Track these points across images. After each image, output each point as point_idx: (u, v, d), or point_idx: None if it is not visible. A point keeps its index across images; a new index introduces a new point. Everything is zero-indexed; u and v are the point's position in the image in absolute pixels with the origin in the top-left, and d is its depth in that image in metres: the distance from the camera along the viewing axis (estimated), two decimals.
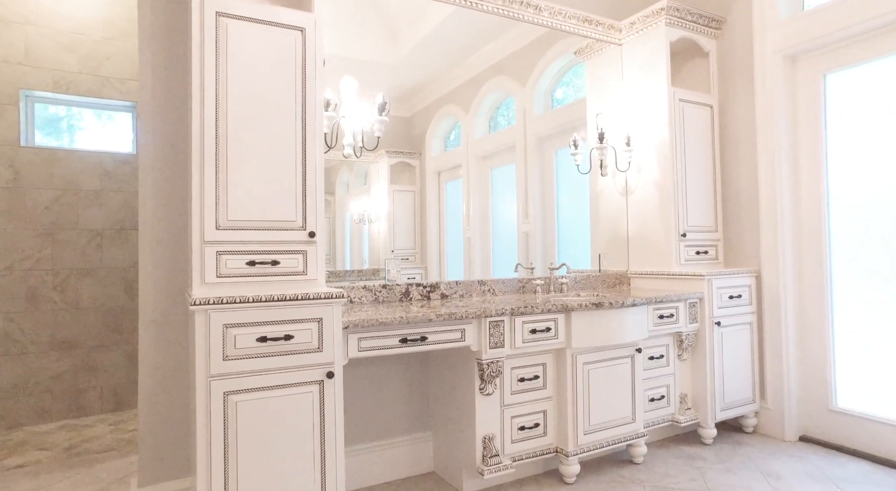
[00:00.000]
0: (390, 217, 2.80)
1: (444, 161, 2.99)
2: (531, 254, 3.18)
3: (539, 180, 3.30)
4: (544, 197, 3.31)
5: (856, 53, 2.83)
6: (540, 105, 3.33)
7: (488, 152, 3.15)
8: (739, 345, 3.06)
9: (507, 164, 3.23)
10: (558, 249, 3.30)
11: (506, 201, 3.18)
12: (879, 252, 2.77)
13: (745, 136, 3.24)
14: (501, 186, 3.18)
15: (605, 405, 2.54)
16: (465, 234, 3.07)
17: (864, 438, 2.79)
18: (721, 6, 3.35)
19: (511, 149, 3.24)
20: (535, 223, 3.24)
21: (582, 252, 3.41)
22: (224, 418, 1.67)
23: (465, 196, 3.05)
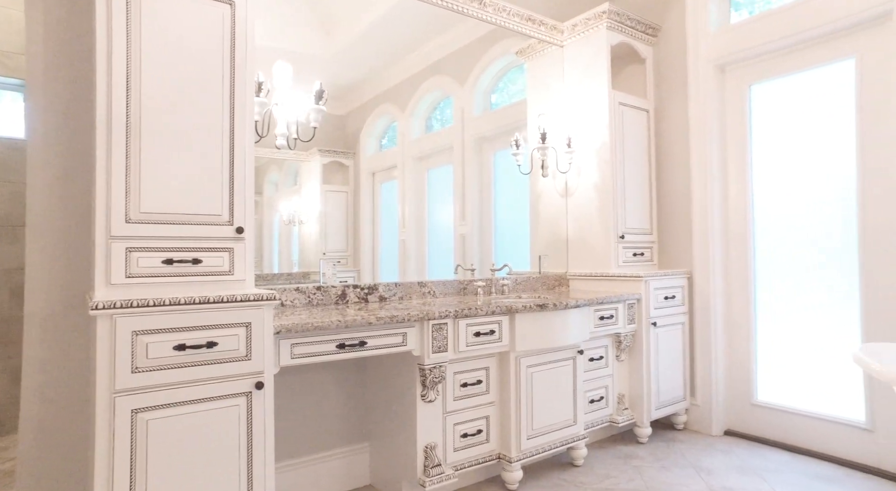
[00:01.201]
0: (322, 218, 2.64)
1: (379, 161, 2.88)
2: (468, 256, 3.12)
3: (477, 182, 3.25)
4: (482, 199, 3.26)
5: (777, 66, 2.99)
6: (479, 106, 3.27)
7: (425, 153, 3.07)
8: (673, 345, 3.14)
9: (445, 165, 3.15)
10: (496, 251, 3.26)
11: (443, 203, 3.11)
12: (793, 256, 2.93)
13: (679, 142, 3.34)
14: (438, 188, 3.10)
15: (547, 408, 2.51)
16: (401, 236, 2.96)
17: (782, 430, 2.94)
18: (657, 14, 3.45)
19: (449, 150, 3.16)
20: (473, 225, 3.19)
21: (521, 254, 3.39)
22: (132, 440, 1.45)
23: (400, 197, 2.94)
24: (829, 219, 2.80)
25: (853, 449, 2.68)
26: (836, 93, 2.77)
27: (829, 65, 2.78)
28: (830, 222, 2.80)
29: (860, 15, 2.59)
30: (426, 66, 3.03)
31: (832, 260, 2.79)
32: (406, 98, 2.96)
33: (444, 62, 3.09)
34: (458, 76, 3.16)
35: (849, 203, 2.71)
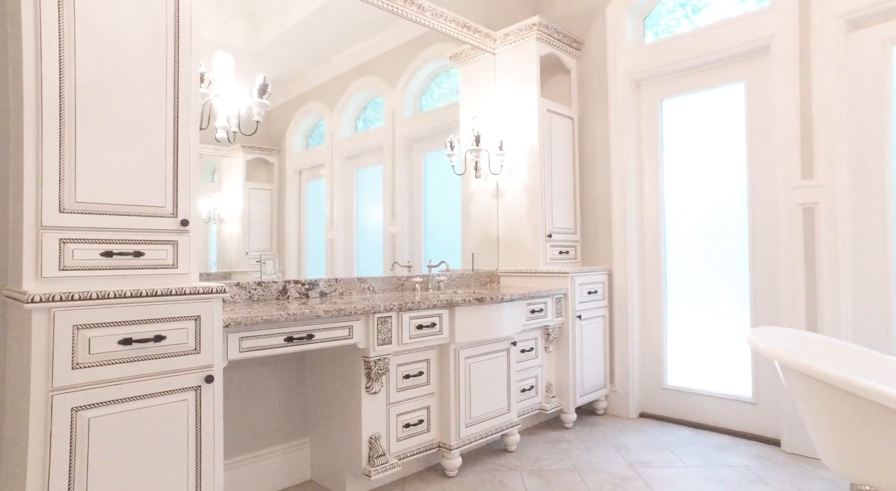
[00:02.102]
0: (245, 217, 2.53)
1: (306, 159, 2.82)
2: (398, 255, 3.15)
3: (407, 182, 3.29)
4: (412, 199, 3.31)
5: (683, 85, 3.34)
6: (410, 107, 3.32)
7: (354, 152, 3.05)
8: (595, 336, 3.40)
9: (374, 164, 3.15)
10: (426, 250, 3.33)
11: (372, 202, 3.11)
12: (698, 254, 3.29)
13: (601, 148, 3.63)
14: (368, 187, 3.10)
15: (484, 398, 2.63)
16: (329, 235, 2.93)
17: (687, 409, 3.29)
18: (582, 30, 3.72)
19: (379, 150, 3.18)
20: (403, 225, 3.23)
21: (452, 252, 3.47)
22: (71, 441, 1.38)
23: (328, 196, 2.90)
24: (728, 221, 3.17)
25: (742, 421, 3.05)
26: (731, 110, 3.15)
27: (725, 86, 3.16)
28: (728, 224, 3.17)
29: (747, 45, 2.97)
30: (356, 66, 3.02)
31: (729, 257, 3.17)
32: (335, 97, 2.93)
33: (375, 63, 3.10)
34: (389, 77, 3.18)
35: (742, 206, 3.09)
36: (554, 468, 2.60)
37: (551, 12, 3.92)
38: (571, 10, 3.79)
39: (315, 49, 2.81)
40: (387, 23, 3.06)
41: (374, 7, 2.94)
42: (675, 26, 3.45)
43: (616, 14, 3.52)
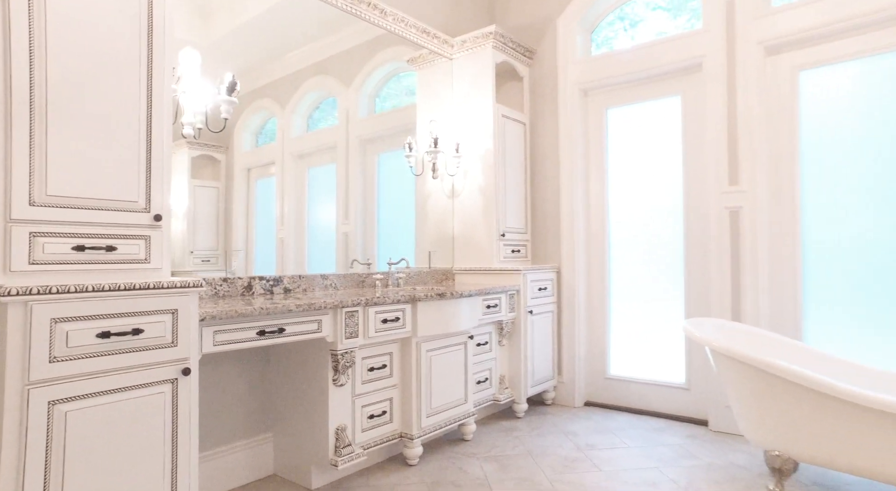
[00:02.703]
0: (190, 215, 2.46)
1: (255, 157, 2.77)
2: (351, 253, 3.16)
3: (361, 182, 3.32)
4: (366, 198, 3.34)
5: (627, 96, 3.61)
6: (364, 108, 3.35)
7: (306, 151, 3.02)
8: (545, 330, 3.60)
9: (327, 164, 3.14)
10: (378, 249, 3.37)
11: (325, 201, 3.10)
12: (639, 252, 3.57)
13: (551, 153, 3.84)
14: (320, 186, 3.08)
15: (443, 389, 2.76)
16: (279, 234, 2.88)
17: (628, 396, 3.55)
18: (534, 40, 3.92)
19: (332, 149, 3.16)
20: (356, 224, 3.24)
21: (406, 251, 3.51)
22: (47, 435, 1.38)
23: (279, 195, 2.86)
24: (666, 222, 3.46)
25: (676, 405, 3.34)
26: (669, 121, 3.44)
27: (663, 99, 3.45)
28: (666, 225, 3.46)
29: (682, 63, 3.27)
30: (310, 65, 3.02)
31: (667, 255, 3.45)
32: (287, 95, 2.90)
33: (330, 62, 3.09)
34: (344, 77, 3.19)
35: (679, 209, 3.39)
36: (509, 454, 2.76)
37: (505, 22, 4.10)
38: (524, 21, 3.98)
39: (268, 46, 2.76)
40: (343, 23, 3.07)
41: (335, 8, 2.99)
42: (613, 38, 3.70)
43: (566, 27, 3.75)
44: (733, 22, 3.06)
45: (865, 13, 2.71)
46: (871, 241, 2.78)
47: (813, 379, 2.05)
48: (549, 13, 3.84)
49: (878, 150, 2.76)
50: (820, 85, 2.93)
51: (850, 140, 2.84)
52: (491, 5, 4.19)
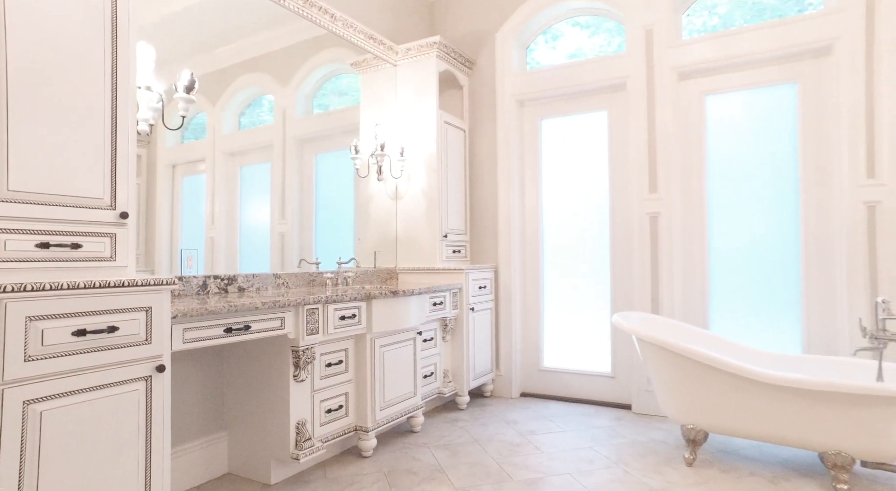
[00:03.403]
0: None
1: (181, 153, 2.66)
2: (287, 253, 3.13)
3: (298, 181, 3.31)
4: (303, 198, 3.33)
5: (559, 108, 3.92)
6: (301, 108, 3.34)
7: (239, 149, 2.94)
8: (484, 327, 3.81)
9: (262, 163, 3.09)
10: (316, 249, 3.37)
11: (259, 201, 3.04)
12: (571, 251, 3.88)
13: (489, 159, 4.07)
14: (254, 185, 3.01)
15: (395, 383, 2.87)
16: (209, 233, 2.81)
17: (561, 386, 3.85)
18: (474, 51, 4.13)
19: (267, 148, 3.12)
20: (293, 223, 3.23)
21: (345, 251, 3.51)
22: (22, 435, 1.36)
23: (209, 193, 2.77)
24: (594, 225, 3.79)
25: (604, 392, 3.68)
26: (597, 133, 3.78)
27: (592, 113, 3.79)
28: (594, 228, 3.79)
29: (609, 81, 3.62)
30: (244, 61, 2.96)
31: (595, 255, 3.79)
32: (217, 91, 2.82)
33: (265, 60, 3.04)
34: (281, 76, 3.15)
35: (605, 214, 3.73)
36: (457, 442, 2.93)
37: (445, 32, 4.29)
38: (465, 32, 4.19)
39: (199, 38, 2.64)
40: (281, 21, 3.02)
41: (283, 9, 3.02)
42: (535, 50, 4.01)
43: (503, 41, 4.00)
44: (652, 49, 3.44)
45: (749, 53, 3.17)
46: (759, 242, 3.25)
47: (718, 361, 2.40)
48: (488, 27, 4.07)
49: (762, 167, 3.24)
50: (722, 108, 3.38)
51: (744, 157, 3.30)
52: (432, 16, 4.36)
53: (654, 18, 3.43)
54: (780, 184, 3.21)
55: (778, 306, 3.20)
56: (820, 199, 3.09)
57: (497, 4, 4.04)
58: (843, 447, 2.27)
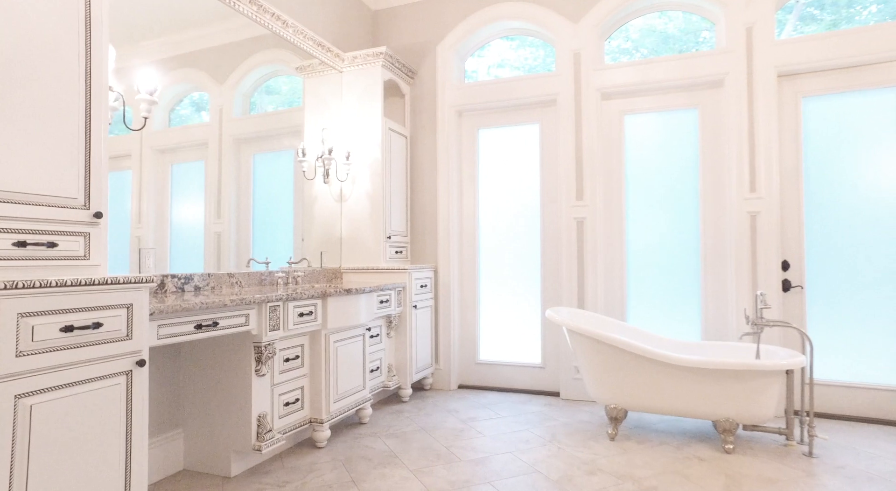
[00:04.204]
0: None
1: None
2: (223, 253, 3.12)
3: (235, 181, 3.30)
4: (240, 197, 3.34)
5: (495, 120, 4.23)
6: (239, 107, 3.34)
7: (169, 146, 2.88)
8: (425, 323, 4.04)
9: (195, 161, 3.04)
10: (254, 249, 3.40)
11: (192, 199, 2.99)
12: (505, 251, 4.21)
13: (429, 165, 4.30)
14: (186, 184, 2.96)
15: (346, 377, 3.02)
16: (135, 232, 2.74)
17: (496, 378, 4.16)
18: (416, 61, 4.35)
19: (201, 146, 3.08)
20: (230, 223, 3.22)
21: (284, 251, 3.52)
22: (13, 429, 1.40)
23: (135, 190, 2.68)
24: (526, 228, 4.14)
25: (535, 382, 4.03)
26: (530, 144, 4.13)
27: (526, 125, 4.13)
28: (526, 231, 4.13)
29: (541, 97, 3.98)
30: (176, 55, 2.90)
31: (526, 256, 4.13)
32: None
33: (200, 56, 2.99)
34: (217, 73, 3.12)
35: (536, 218, 4.09)
36: (405, 431, 3.13)
37: (389, 42, 4.47)
38: (407, 43, 4.39)
39: (129, 32, 2.55)
40: (221, 17, 2.99)
41: (239, 14, 3.07)
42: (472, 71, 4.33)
43: (444, 53, 4.25)
44: (579, 71, 3.84)
45: (660, 81, 3.65)
46: (667, 244, 3.74)
47: (637, 347, 2.79)
48: (430, 39, 4.30)
49: (670, 179, 3.73)
50: (638, 127, 3.84)
51: (656, 170, 3.78)
52: (375, 26, 4.52)
53: (582, 44, 3.84)
54: (685, 194, 3.71)
55: (682, 300, 3.70)
56: (715, 209, 3.62)
57: (438, 20, 4.28)
58: (730, 415, 2.73)
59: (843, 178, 3.38)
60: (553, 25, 3.92)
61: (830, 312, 3.38)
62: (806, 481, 2.39)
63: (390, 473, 2.51)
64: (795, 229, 3.44)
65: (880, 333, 3.27)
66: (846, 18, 3.63)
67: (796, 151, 3.45)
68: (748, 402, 2.70)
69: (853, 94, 3.36)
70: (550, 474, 2.49)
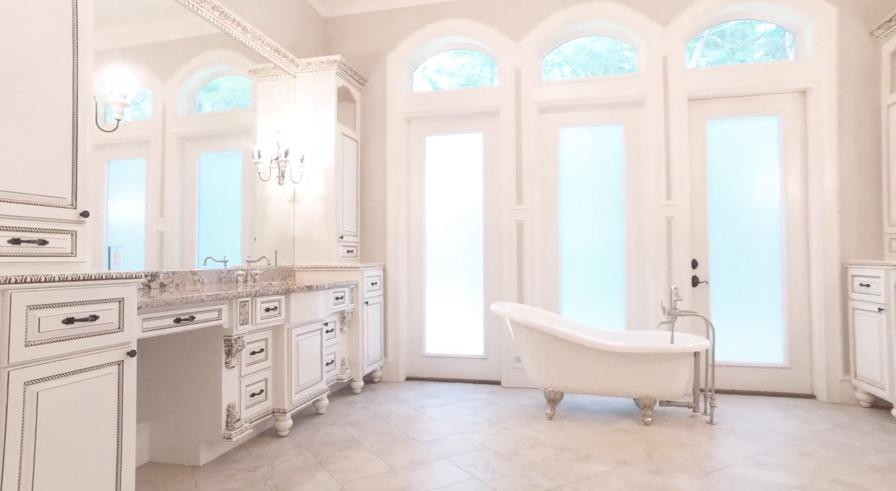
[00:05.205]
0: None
1: None
2: (167, 253, 3.12)
3: (179, 180, 3.31)
4: (185, 197, 3.34)
5: (442, 128, 4.51)
6: (184, 105, 3.35)
7: (107, 142, 2.80)
8: (375, 319, 4.24)
9: (135, 158, 2.99)
10: (199, 249, 3.41)
11: (131, 197, 2.94)
12: (449, 251, 4.50)
13: (378, 169, 4.51)
14: (125, 181, 2.89)
15: (306, 369, 3.18)
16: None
17: (442, 369, 4.44)
18: (367, 69, 4.54)
19: (142, 144, 3.04)
20: (174, 222, 3.23)
21: (232, 250, 3.54)
22: (23, 414, 1.49)
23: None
24: (470, 229, 4.45)
25: (478, 372, 4.35)
26: (475, 151, 4.45)
27: (471, 134, 4.45)
28: (470, 231, 4.44)
29: (485, 108, 4.31)
30: (114, 48, 2.83)
31: (470, 255, 4.44)
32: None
33: (145, 51, 2.97)
34: (161, 70, 3.10)
35: (480, 220, 4.41)
36: (362, 419, 3.34)
37: (340, 48, 4.63)
38: (358, 51, 4.58)
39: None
40: (168, 15, 2.98)
41: (198, 16, 3.14)
42: (422, 79, 4.61)
43: (394, 63, 4.48)
44: (520, 86, 4.20)
45: (591, 98, 4.09)
46: (596, 245, 4.18)
47: (572, 336, 3.17)
48: (381, 49, 4.52)
49: (600, 187, 4.19)
50: (572, 139, 4.27)
51: (586, 177, 4.22)
52: (326, 33, 4.67)
53: (522, 61, 4.20)
54: (612, 200, 4.17)
55: (609, 294, 4.16)
56: (637, 213, 4.10)
57: (390, 31, 4.50)
58: (649, 392, 3.17)
59: (738, 189, 3.96)
60: (497, 43, 4.26)
61: (729, 304, 3.95)
62: (707, 443, 2.85)
63: (354, 455, 2.72)
64: (702, 232, 3.98)
65: (765, 320, 3.88)
66: (741, 47, 4.25)
67: (703, 165, 4.00)
68: (664, 380, 3.15)
69: (745, 119, 3.95)
70: (499, 449, 2.80)
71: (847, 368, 3.62)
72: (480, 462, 2.62)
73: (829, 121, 3.67)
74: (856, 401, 3.58)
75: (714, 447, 2.79)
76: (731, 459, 2.63)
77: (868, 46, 3.64)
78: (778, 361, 3.85)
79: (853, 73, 3.66)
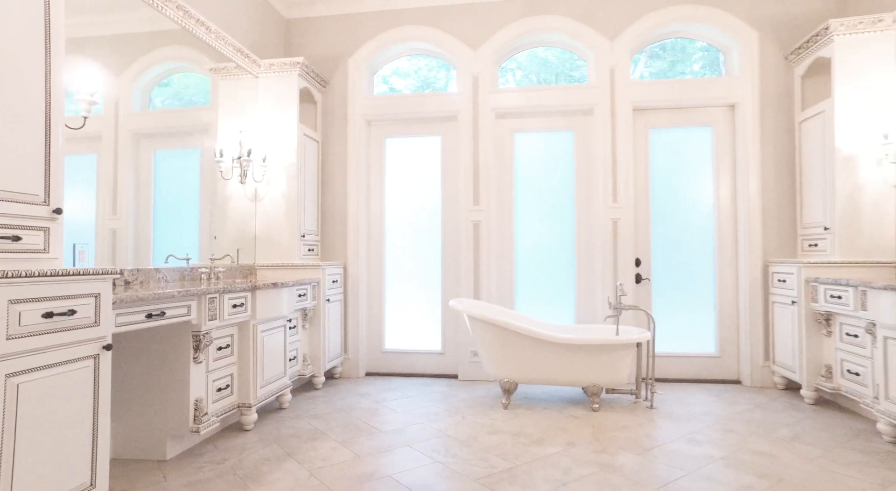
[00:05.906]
0: None
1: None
2: (120, 251, 3.06)
3: (133, 177, 3.27)
4: (139, 194, 3.31)
5: (402, 130, 4.65)
6: (137, 102, 3.31)
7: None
8: (336, 316, 4.33)
9: (85, 153, 2.94)
10: (155, 247, 3.38)
11: (82, 195, 2.88)
12: (409, 249, 4.64)
13: (339, 169, 4.60)
14: (75, 178, 2.81)
15: (271, 365, 3.25)
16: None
17: (401, 365, 4.57)
18: (327, 71, 4.62)
19: (93, 139, 2.98)
20: (127, 220, 3.19)
21: (190, 248, 3.49)
22: (4, 405, 1.54)
23: None
24: (428, 229, 4.60)
25: (436, 366, 4.52)
26: (433, 153, 4.61)
27: (430, 137, 4.61)
28: (428, 231, 4.60)
29: (443, 113, 4.48)
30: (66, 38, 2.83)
31: (429, 254, 4.60)
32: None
33: (96, 43, 2.90)
34: (113, 64, 3.05)
35: (438, 220, 4.57)
36: (325, 412, 3.43)
37: (301, 50, 4.68)
38: (320, 53, 4.65)
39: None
40: (124, 7, 2.95)
41: (163, 16, 3.15)
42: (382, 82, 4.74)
43: (355, 66, 4.58)
44: (477, 92, 4.40)
45: (544, 105, 4.34)
46: (548, 244, 4.44)
47: (525, 330, 3.38)
48: (342, 52, 4.61)
49: (552, 189, 4.44)
50: (526, 143, 4.50)
51: (540, 181, 4.47)
52: (288, 34, 4.71)
53: (480, 68, 4.40)
54: (563, 202, 4.44)
55: (560, 291, 4.42)
56: (587, 215, 4.38)
57: (351, 34, 4.60)
58: (596, 381, 3.43)
59: (676, 193, 4.31)
60: (456, 50, 4.44)
61: (668, 299, 4.28)
62: (648, 425, 3.13)
63: (320, 445, 2.82)
64: (645, 233, 4.30)
65: (700, 313, 4.24)
66: (681, 60, 4.62)
67: (646, 170, 4.32)
68: (610, 370, 3.42)
69: (684, 129, 4.31)
70: (459, 436, 2.97)
71: (767, 355, 4.02)
72: (441, 448, 2.79)
73: (753, 133, 4.07)
74: (774, 384, 3.99)
75: (653, 428, 3.07)
76: (668, 437, 2.91)
77: (783, 69, 4.07)
78: (710, 350, 4.22)
79: (772, 92, 4.07)
